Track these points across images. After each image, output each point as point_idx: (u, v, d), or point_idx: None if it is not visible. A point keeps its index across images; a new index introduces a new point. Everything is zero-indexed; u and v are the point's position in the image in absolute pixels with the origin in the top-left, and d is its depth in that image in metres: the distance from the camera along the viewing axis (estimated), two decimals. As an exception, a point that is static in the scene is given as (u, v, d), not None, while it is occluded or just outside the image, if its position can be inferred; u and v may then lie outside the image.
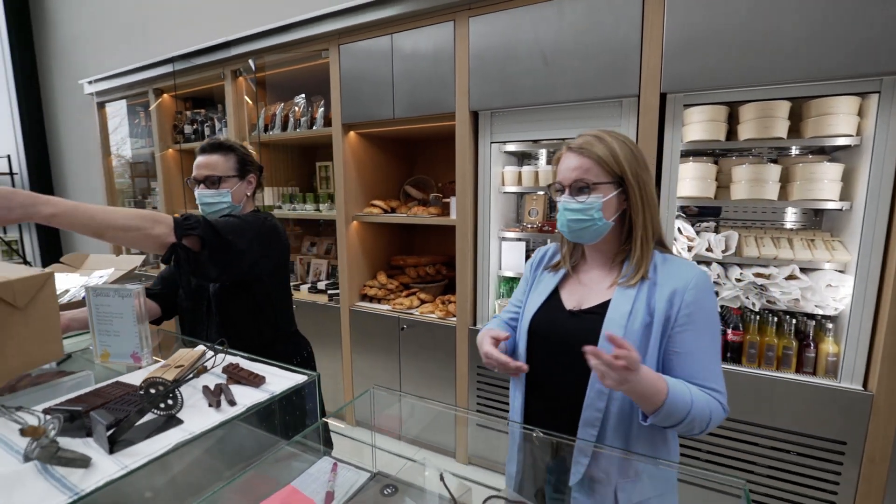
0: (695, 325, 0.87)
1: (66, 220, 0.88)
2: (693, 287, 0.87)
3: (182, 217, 1.05)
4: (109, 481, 0.60)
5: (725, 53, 1.61)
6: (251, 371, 0.91)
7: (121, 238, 0.97)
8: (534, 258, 1.14)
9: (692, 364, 0.86)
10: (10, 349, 0.85)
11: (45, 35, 4.29)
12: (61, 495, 0.57)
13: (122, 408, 0.77)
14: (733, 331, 1.85)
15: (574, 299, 0.99)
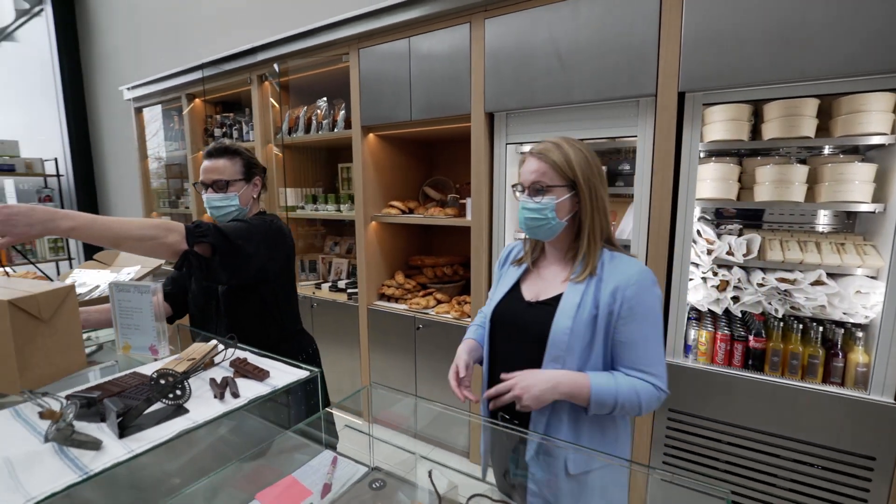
0: (635, 317, 0.96)
1: (84, 232, 0.94)
2: (634, 283, 0.96)
3: (193, 225, 1.10)
4: (116, 464, 0.65)
5: (748, 49, 1.56)
6: (256, 366, 0.95)
7: (137, 248, 1.02)
8: (502, 255, 1.25)
9: (634, 352, 0.97)
10: (37, 360, 0.91)
11: (89, 46, 4.54)
12: (72, 474, 0.62)
13: (136, 396, 0.82)
14: (755, 337, 1.79)
15: (533, 291, 1.09)
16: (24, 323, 0.89)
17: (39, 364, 0.93)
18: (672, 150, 1.74)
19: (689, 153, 1.74)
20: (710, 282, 1.85)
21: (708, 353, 1.87)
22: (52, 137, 4.73)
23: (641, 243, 1.84)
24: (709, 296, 1.84)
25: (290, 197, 3.08)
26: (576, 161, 0.99)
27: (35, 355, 0.92)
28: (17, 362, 0.88)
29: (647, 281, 0.98)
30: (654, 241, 1.81)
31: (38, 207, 0.89)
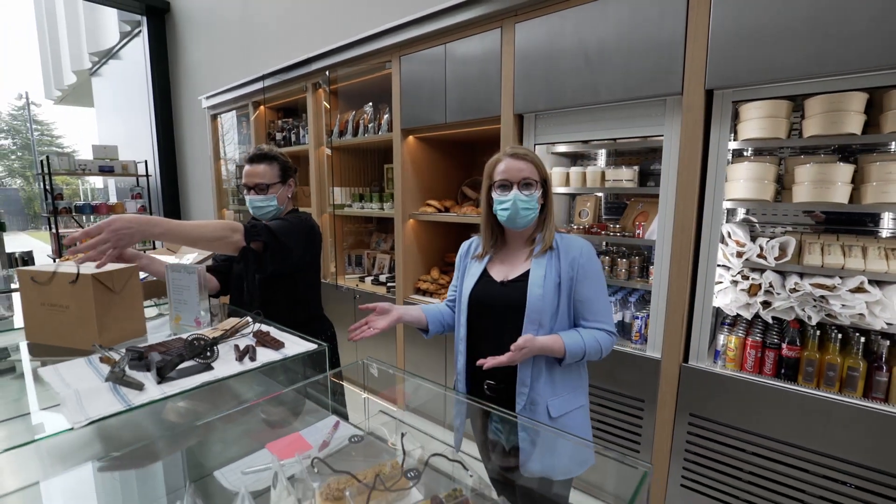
0: (588, 280, 1.21)
1: (170, 236, 1.18)
2: (584, 254, 1.21)
3: (250, 225, 1.34)
4: (152, 401, 0.81)
5: (780, 43, 1.50)
6: (275, 338, 1.10)
7: (209, 247, 1.28)
8: (461, 250, 1.42)
9: (589, 308, 1.21)
10: (110, 323, 1.13)
11: (175, 61, 5.12)
12: (119, 405, 0.79)
13: (175, 354, 1.00)
14: (789, 345, 1.71)
15: (501, 274, 1.27)
16: (101, 293, 1.10)
17: (111, 328, 1.14)
18: (699, 149, 1.71)
19: (716, 152, 1.70)
20: (740, 285, 1.79)
21: (737, 360, 1.81)
22: (144, 142, 5.38)
23: (666, 244, 1.82)
24: (738, 300, 1.78)
25: (338, 195, 3.31)
26: (540, 163, 1.23)
27: (108, 320, 1.13)
28: (97, 325, 1.09)
29: (592, 252, 1.24)
30: (679, 242, 1.78)
31: (133, 220, 1.10)
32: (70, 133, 52.66)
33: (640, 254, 2.24)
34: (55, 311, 1.10)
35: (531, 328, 1.18)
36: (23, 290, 1.11)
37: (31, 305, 1.12)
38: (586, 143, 2.28)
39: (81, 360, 1.02)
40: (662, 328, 1.86)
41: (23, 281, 1.11)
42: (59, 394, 0.84)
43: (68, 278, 1.06)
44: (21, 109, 24.43)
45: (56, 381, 0.90)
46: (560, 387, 1.22)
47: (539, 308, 1.17)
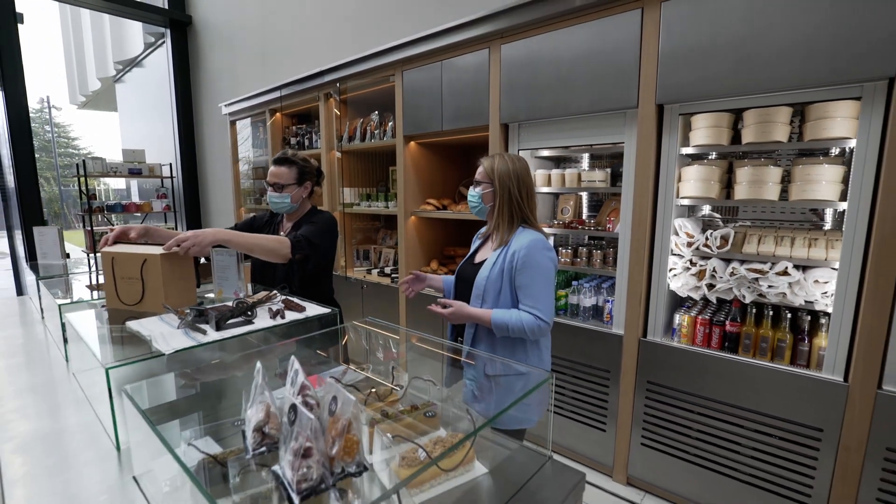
0: (526, 270, 1.42)
1: (232, 243, 1.52)
2: (524, 248, 1.43)
3: (295, 240, 1.68)
4: (213, 340, 1.14)
5: (717, 65, 1.80)
6: (298, 303, 1.43)
7: (261, 253, 1.60)
8: (478, 233, 1.74)
9: (525, 293, 1.43)
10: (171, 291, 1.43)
11: (196, 70, 5.50)
12: (192, 342, 1.12)
13: (227, 312, 1.32)
14: (731, 322, 2.00)
15: (481, 255, 1.60)
16: (166, 269, 1.42)
17: (172, 295, 1.45)
18: (653, 154, 2.00)
19: (667, 157, 2.00)
20: (691, 271, 2.08)
21: (689, 335, 2.10)
22: (166, 145, 5.77)
23: (627, 236, 2.12)
24: (688, 283, 2.08)
25: (347, 195, 3.65)
26: (498, 169, 1.49)
27: (170, 289, 1.44)
28: (164, 293, 1.40)
29: (535, 247, 1.43)
30: (637, 234, 2.08)
31: (207, 230, 1.46)
32: (86, 136, 53.85)
33: (613, 246, 2.53)
34: (130, 282, 1.43)
35: (475, 301, 1.51)
36: (105, 268, 1.45)
37: (111, 279, 1.45)
38: (566, 148, 2.58)
39: (154, 318, 1.35)
40: (624, 308, 2.16)
41: (105, 260, 1.45)
42: (147, 335, 1.17)
43: (141, 259, 1.39)
44: (38, 112, 25.23)
45: (142, 329, 1.23)
46: (500, 353, 1.49)
47: (482, 286, 1.48)
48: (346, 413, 0.57)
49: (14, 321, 2.20)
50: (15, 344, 1.84)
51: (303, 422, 0.54)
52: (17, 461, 1.02)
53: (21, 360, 1.66)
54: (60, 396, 1.35)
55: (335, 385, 0.63)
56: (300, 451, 0.54)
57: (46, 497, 0.91)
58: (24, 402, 1.31)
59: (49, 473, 0.98)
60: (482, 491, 0.89)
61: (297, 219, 1.95)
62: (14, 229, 5.62)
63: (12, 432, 1.14)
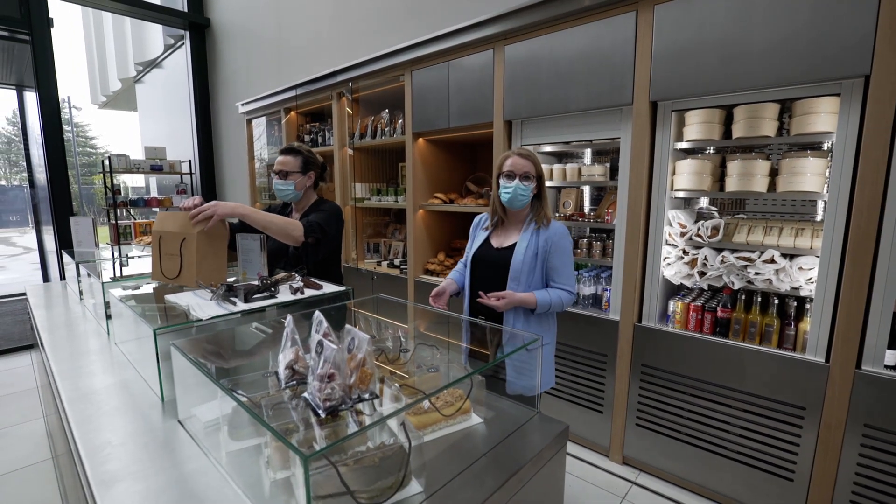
0: (558, 253, 1.69)
1: (250, 218, 1.67)
2: (556, 235, 1.70)
3: (307, 224, 1.80)
4: (243, 310, 1.29)
5: (706, 64, 1.91)
6: (316, 282, 1.58)
7: (275, 231, 1.72)
8: (474, 222, 1.93)
9: (557, 273, 1.71)
10: (203, 269, 1.59)
11: (214, 70, 5.71)
12: (224, 311, 1.28)
13: (254, 287, 1.47)
14: (722, 308, 2.11)
15: (498, 242, 1.78)
16: (202, 247, 1.58)
17: (204, 271, 1.60)
18: (647, 149, 2.12)
19: (661, 152, 2.11)
20: (684, 259, 2.19)
21: (682, 321, 2.21)
22: (184, 143, 5.99)
23: (623, 227, 2.24)
24: (681, 271, 2.19)
25: (359, 190, 3.80)
26: (538, 162, 1.72)
27: (203, 266, 1.60)
28: (196, 269, 1.56)
29: (563, 233, 1.72)
30: (632, 225, 2.20)
31: (228, 202, 1.62)
32: (103, 135, 54.96)
33: (612, 237, 2.65)
34: (171, 258, 1.59)
35: (512, 283, 1.69)
36: (153, 245, 1.62)
37: (157, 254, 1.62)
38: (567, 144, 2.70)
39: (189, 293, 1.51)
40: (620, 295, 2.27)
41: (154, 238, 1.62)
42: (184, 306, 1.33)
43: (181, 237, 1.56)
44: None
45: (179, 301, 1.39)
46: (534, 329, 1.73)
47: (518, 269, 1.68)
48: (362, 351, 0.71)
49: (53, 302, 2.39)
50: (58, 320, 2.02)
51: (327, 352, 0.68)
52: (80, 406, 1.19)
53: (63, 334, 1.83)
54: (106, 362, 1.52)
55: (352, 329, 0.77)
56: (325, 377, 0.67)
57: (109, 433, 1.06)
58: (74, 366, 1.48)
59: (108, 415, 1.14)
60: (477, 436, 1.03)
61: (306, 208, 2.09)
62: (42, 224, 5.88)
63: (65, 389, 1.30)
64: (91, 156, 29.64)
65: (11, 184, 24.39)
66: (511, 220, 1.80)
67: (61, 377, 1.36)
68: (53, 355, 1.55)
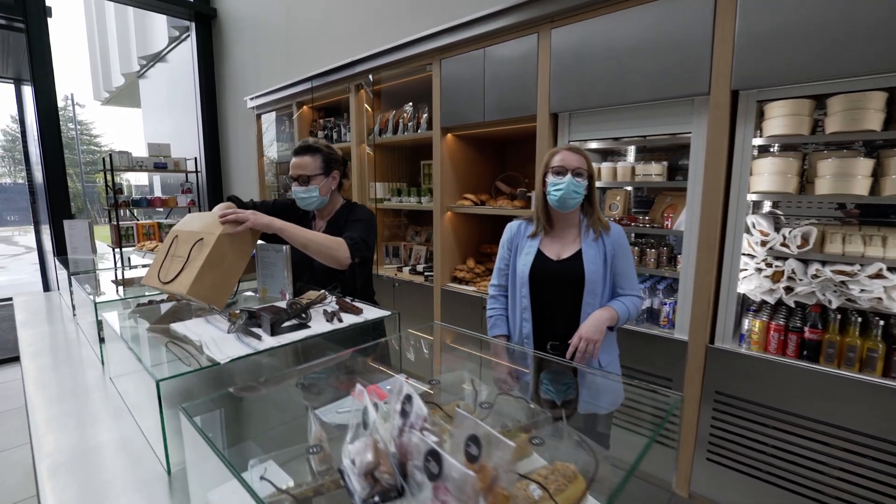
0: (624, 256, 1.56)
1: (287, 233, 1.40)
2: (621, 237, 1.57)
3: (351, 242, 1.53)
4: (272, 347, 1.02)
5: (803, 46, 1.62)
6: (354, 304, 1.30)
7: (316, 251, 1.45)
8: (509, 232, 1.68)
9: (625, 278, 1.56)
10: (209, 278, 1.31)
11: (221, 64, 5.44)
12: (248, 349, 1.00)
13: (275, 313, 1.20)
14: (811, 329, 1.82)
15: (554, 252, 1.57)
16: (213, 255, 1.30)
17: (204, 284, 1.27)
18: (725, 145, 1.83)
19: (741, 148, 1.83)
20: (764, 272, 1.91)
21: (761, 342, 1.93)
22: (189, 140, 5.73)
23: (693, 234, 1.95)
24: (762, 286, 1.91)
25: (378, 190, 3.53)
26: (590, 160, 1.53)
27: (207, 277, 1.27)
28: (197, 277, 1.24)
29: (623, 234, 1.59)
30: (706, 232, 1.91)
31: (264, 215, 1.37)
32: (107, 132, 54.94)
33: (667, 244, 2.37)
34: (175, 261, 1.32)
35: (589, 298, 1.50)
36: (164, 244, 1.38)
37: (163, 255, 1.36)
38: (616, 140, 2.41)
39: (200, 320, 1.24)
40: (689, 312, 1.99)
41: (169, 237, 1.39)
42: (197, 340, 1.06)
43: (198, 237, 1.29)
44: (62, 110, 25.71)
45: (189, 333, 1.12)
46: (606, 344, 1.57)
47: (595, 280, 1.50)
48: (495, 460, 0.44)
49: (42, 318, 2.12)
50: (43, 344, 1.76)
51: (452, 476, 0.41)
52: (62, 479, 0.92)
53: (48, 362, 1.57)
54: (98, 405, 1.25)
55: (471, 420, 0.50)
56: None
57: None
58: (60, 411, 1.21)
59: (96, 495, 0.87)
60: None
61: (332, 215, 1.81)
62: (41, 224, 5.64)
63: (47, 448, 1.04)
64: (94, 153, 29.49)
65: (16, 181, 24.26)
66: (560, 226, 1.60)
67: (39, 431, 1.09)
68: (35, 394, 1.28)
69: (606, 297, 1.56)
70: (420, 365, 1.33)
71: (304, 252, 1.43)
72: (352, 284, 1.73)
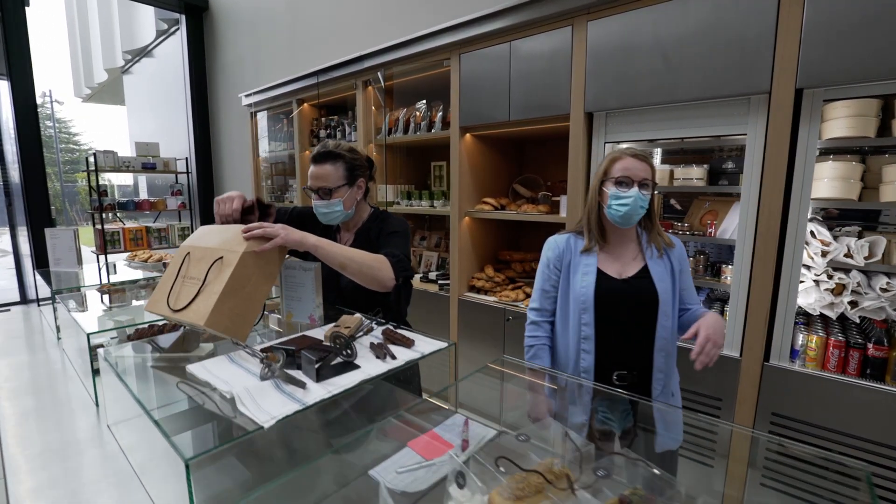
0: (686, 271, 1.45)
1: (323, 251, 1.20)
2: (682, 251, 1.44)
3: (395, 259, 1.33)
4: (324, 398, 0.84)
5: (879, 41, 1.48)
6: (404, 335, 1.12)
7: (356, 272, 1.24)
8: (555, 250, 1.46)
9: (689, 293, 1.45)
10: (230, 305, 1.12)
11: (213, 59, 5.17)
12: (295, 404, 0.82)
13: (318, 351, 1.01)
14: (875, 345, 1.69)
15: (614, 270, 1.39)
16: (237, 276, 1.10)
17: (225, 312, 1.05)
18: (786, 148, 1.69)
19: (804, 152, 1.68)
20: (824, 285, 1.78)
21: (818, 359, 1.80)
22: (178, 139, 5.45)
23: (748, 243, 1.81)
24: (822, 299, 1.77)
25: (388, 193, 3.33)
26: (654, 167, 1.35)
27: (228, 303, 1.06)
28: (218, 303, 1.03)
29: (683, 246, 1.47)
30: (763, 241, 1.77)
31: (295, 230, 1.17)
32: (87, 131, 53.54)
33: (703, 252, 2.23)
34: (189, 283, 1.11)
35: (664, 319, 1.35)
36: (173, 264, 1.16)
37: (173, 277, 1.15)
38: (651, 142, 2.27)
39: (222, 359, 1.05)
40: (742, 327, 1.85)
41: (178, 255, 1.17)
42: (227, 392, 0.86)
43: (217, 255, 1.09)
44: (40, 107, 24.77)
45: (215, 380, 0.93)
46: (672, 369, 1.44)
47: (667, 300, 1.36)
48: None
49: (20, 343, 1.85)
50: (22, 378, 1.51)
51: None
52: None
53: (30, 404, 1.33)
54: (95, 468, 1.04)
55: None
56: None
57: None
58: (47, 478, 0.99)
59: None
60: None
61: (359, 226, 1.62)
62: (18, 227, 5.31)
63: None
64: (74, 152, 28.58)
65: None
66: (616, 241, 1.44)
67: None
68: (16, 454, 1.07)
69: (676, 316, 1.42)
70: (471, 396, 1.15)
71: (341, 272, 1.23)
72: (396, 309, 1.53)
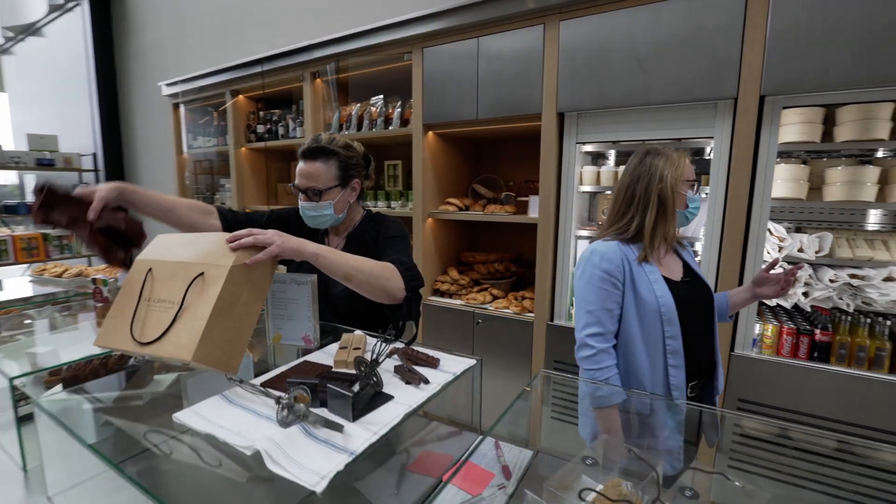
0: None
1: (324, 260, 1.04)
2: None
3: (403, 267, 1.19)
4: (373, 442, 0.71)
5: (837, 53, 1.61)
6: (427, 354, 1.01)
7: (363, 283, 1.09)
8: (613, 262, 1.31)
9: None
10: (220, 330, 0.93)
11: (125, 42, 4.55)
12: (342, 454, 0.68)
13: (345, 382, 0.86)
14: (822, 331, 1.87)
15: (669, 273, 1.37)
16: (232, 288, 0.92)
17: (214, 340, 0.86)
18: (751, 152, 1.80)
19: (766, 155, 1.81)
20: (780, 278, 1.92)
21: (773, 346, 1.95)
22: (85, 132, 4.73)
23: (714, 241, 1.91)
24: (779, 291, 1.92)
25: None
26: None
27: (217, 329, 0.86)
28: (206, 330, 0.83)
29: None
30: (729, 239, 1.88)
31: (292, 237, 1.00)
32: (-58, 118, 45.21)
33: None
34: (161, 308, 0.90)
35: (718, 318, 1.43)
36: (130, 285, 0.93)
37: (134, 302, 0.92)
38: (614, 143, 2.33)
39: (217, 400, 0.87)
40: (711, 320, 1.95)
41: (136, 273, 0.94)
42: (247, 446, 0.70)
43: (197, 271, 0.89)
44: None
45: (218, 430, 0.75)
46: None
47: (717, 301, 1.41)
48: None
49: None
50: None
51: None
52: None
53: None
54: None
55: None
56: None
57: None
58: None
59: None
60: None
61: (351, 229, 1.48)
62: None
63: None
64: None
65: None
66: (664, 241, 1.47)
67: None
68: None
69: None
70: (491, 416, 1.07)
71: (345, 284, 1.08)
72: (405, 324, 1.40)
